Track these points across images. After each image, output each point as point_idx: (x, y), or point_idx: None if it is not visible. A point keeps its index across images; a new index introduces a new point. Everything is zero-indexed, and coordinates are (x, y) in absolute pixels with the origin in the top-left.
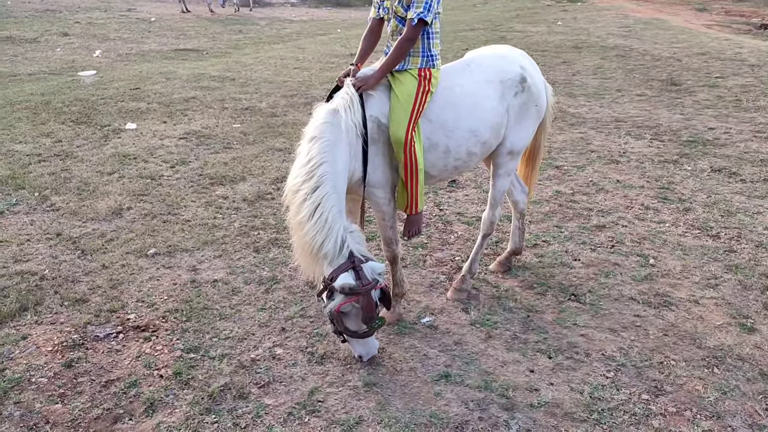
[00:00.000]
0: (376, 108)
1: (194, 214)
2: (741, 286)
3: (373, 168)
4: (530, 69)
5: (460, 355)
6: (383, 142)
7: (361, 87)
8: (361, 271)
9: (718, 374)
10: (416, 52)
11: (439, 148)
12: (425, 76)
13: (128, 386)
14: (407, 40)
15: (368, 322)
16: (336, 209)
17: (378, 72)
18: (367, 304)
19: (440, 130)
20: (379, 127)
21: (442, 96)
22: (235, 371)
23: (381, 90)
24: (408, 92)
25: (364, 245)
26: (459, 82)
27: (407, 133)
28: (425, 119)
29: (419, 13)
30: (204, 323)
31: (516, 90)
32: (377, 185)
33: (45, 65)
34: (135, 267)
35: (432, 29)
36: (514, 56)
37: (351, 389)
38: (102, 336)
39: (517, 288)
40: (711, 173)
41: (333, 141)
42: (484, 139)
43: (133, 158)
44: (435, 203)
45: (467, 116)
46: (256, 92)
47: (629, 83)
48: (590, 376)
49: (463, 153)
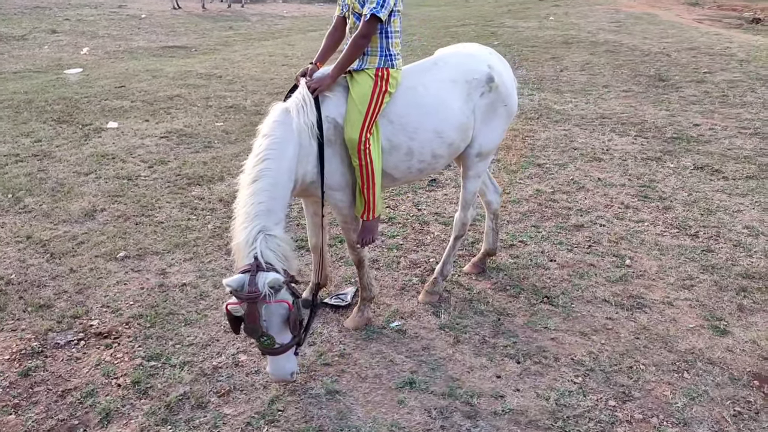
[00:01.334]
0: (333, 109)
1: (168, 215)
2: (716, 287)
3: (330, 170)
4: (498, 68)
5: (427, 360)
6: (340, 144)
7: (315, 88)
8: (254, 278)
9: (688, 379)
10: (374, 51)
11: (401, 150)
12: (382, 76)
13: (85, 396)
14: (361, 36)
15: (250, 334)
16: (264, 206)
17: (333, 71)
18: (249, 313)
19: (402, 132)
20: (335, 128)
21: (404, 96)
22: (196, 379)
23: (339, 90)
24: (363, 93)
25: (281, 252)
26: (423, 82)
27: (361, 135)
28: (386, 120)
29: (372, 8)
30: (168, 329)
31: (483, 90)
32: (336, 188)
33: (31, 63)
34: (103, 271)
35: (391, 28)
36: (481, 55)
37: (312, 398)
38: (62, 343)
39: (489, 290)
40: (693, 170)
41: (282, 140)
42: (449, 141)
43: (112, 158)
44: (413, 203)
45: (431, 117)
46: (242, 90)
47: (617, 79)
48: (557, 382)
49: (428, 155)
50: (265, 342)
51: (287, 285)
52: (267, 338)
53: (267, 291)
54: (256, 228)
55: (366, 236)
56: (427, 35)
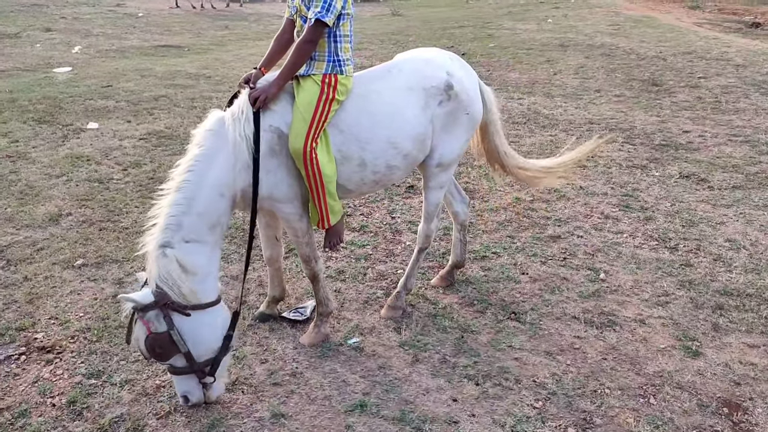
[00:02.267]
0: (277, 118)
1: (134, 221)
2: (692, 305)
3: (276, 182)
4: (458, 74)
5: (382, 381)
6: (286, 154)
7: (263, 99)
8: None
9: (654, 405)
10: (321, 57)
11: (353, 161)
12: (329, 83)
13: (17, 416)
14: (305, 42)
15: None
16: (175, 220)
17: (278, 79)
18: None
19: (353, 142)
20: (280, 138)
21: (356, 104)
22: (136, 399)
23: (284, 99)
24: (308, 100)
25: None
26: (376, 89)
27: (306, 146)
28: (336, 129)
29: (317, 12)
30: (114, 344)
31: (441, 98)
32: (283, 200)
33: (21, 61)
34: (58, 279)
35: (340, 32)
36: (440, 61)
37: (256, 421)
38: (2, 358)
39: (456, 305)
40: (679, 179)
41: (211, 151)
42: (405, 152)
43: (87, 160)
44: (387, 210)
45: (385, 126)
46: (229, 91)
47: (609, 83)
48: (516, 407)
49: (382, 166)
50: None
51: (161, 310)
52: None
53: (126, 307)
54: (159, 241)
55: (332, 239)
56: (423, 36)
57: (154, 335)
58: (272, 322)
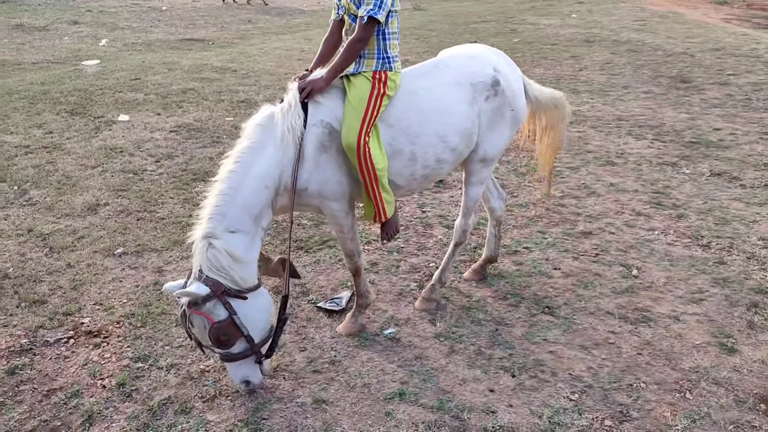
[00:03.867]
0: (328, 113)
1: (170, 211)
2: (727, 302)
3: (326, 178)
4: (505, 70)
5: (419, 371)
6: (336, 149)
7: (309, 91)
8: (184, 286)
9: (690, 400)
10: (371, 54)
11: (404, 155)
12: (380, 79)
13: (70, 396)
14: (358, 40)
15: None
16: (219, 210)
17: (327, 74)
18: (180, 318)
19: (403, 136)
20: (331, 133)
21: (405, 100)
22: (182, 383)
23: (335, 94)
24: (361, 96)
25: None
26: (424, 85)
27: (359, 139)
28: (385, 124)
29: (369, 10)
30: (159, 329)
31: (487, 94)
32: (331, 198)
33: (50, 54)
34: (100, 267)
35: (388, 29)
36: (486, 57)
37: (299, 406)
38: (52, 341)
39: (489, 298)
40: (710, 177)
41: (259, 144)
42: (453, 146)
43: (120, 151)
44: (418, 204)
45: (433, 121)
46: (255, 84)
47: (637, 80)
48: (553, 398)
49: (432, 160)
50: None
51: (219, 299)
52: (198, 345)
53: (183, 301)
54: (203, 232)
55: (389, 230)
56: (446, 31)
57: (218, 324)
58: (309, 311)
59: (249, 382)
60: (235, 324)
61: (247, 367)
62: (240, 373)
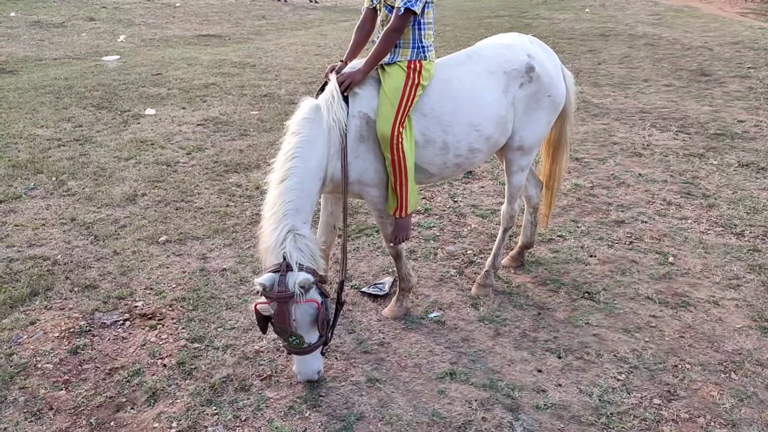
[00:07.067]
0: (365, 103)
1: (207, 201)
2: (764, 288)
3: (365, 167)
4: (540, 57)
5: (467, 352)
6: (373, 139)
7: (348, 84)
8: (284, 278)
9: (736, 380)
10: (406, 44)
11: (436, 144)
12: (415, 68)
13: (132, 375)
14: (393, 30)
15: (280, 334)
16: (293, 205)
17: (364, 66)
18: (279, 313)
19: (436, 125)
20: (368, 123)
21: (438, 89)
22: (239, 362)
23: (370, 84)
24: (396, 86)
25: (310, 252)
26: (457, 74)
27: (393, 129)
28: (419, 114)
29: (406, 2)
30: (210, 312)
31: (522, 81)
32: (371, 184)
33: (70, 50)
34: (146, 254)
35: (424, 19)
36: (520, 44)
37: (353, 384)
38: (109, 323)
39: (529, 284)
40: (738, 168)
41: (310, 138)
42: (487, 134)
43: (151, 144)
44: (449, 195)
45: (466, 110)
46: (276, 79)
47: (657, 73)
48: (600, 378)
49: (464, 149)
50: (294, 342)
51: (316, 285)
52: (296, 338)
53: (298, 291)
54: (286, 228)
55: (400, 234)
56: (460, 26)
57: (323, 310)
58: (353, 296)
59: (320, 371)
60: (327, 309)
61: (317, 357)
62: (315, 365)
